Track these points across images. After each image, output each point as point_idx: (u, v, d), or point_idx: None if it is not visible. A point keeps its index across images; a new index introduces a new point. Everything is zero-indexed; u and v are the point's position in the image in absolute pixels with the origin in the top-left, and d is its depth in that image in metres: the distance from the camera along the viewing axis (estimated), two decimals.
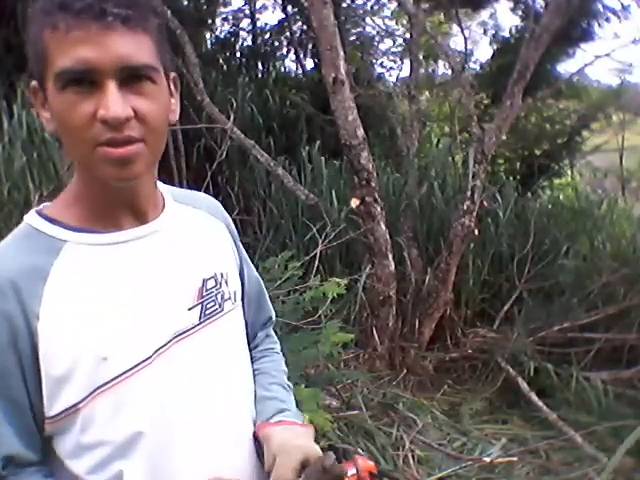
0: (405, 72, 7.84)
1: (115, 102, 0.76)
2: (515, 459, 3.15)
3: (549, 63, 6.49)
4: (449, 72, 7.59)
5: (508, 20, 7.78)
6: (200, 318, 0.94)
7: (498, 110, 4.24)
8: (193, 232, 0.99)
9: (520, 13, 7.13)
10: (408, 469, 3.06)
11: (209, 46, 7.40)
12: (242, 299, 1.08)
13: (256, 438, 1.00)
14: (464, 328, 4.50)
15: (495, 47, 7.91)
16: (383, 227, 3.80)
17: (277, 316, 1.26)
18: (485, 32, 8.49)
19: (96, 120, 0.77)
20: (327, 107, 3.92)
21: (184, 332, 0.91)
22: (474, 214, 4.03)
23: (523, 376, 3.99)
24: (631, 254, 5.11)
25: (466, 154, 4.80)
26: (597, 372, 4.07)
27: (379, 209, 3.75)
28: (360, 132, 3.57)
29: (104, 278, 0.86)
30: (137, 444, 0.85)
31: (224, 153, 4.48)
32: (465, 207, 4.02)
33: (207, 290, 0.96)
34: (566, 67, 7.30)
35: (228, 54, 7.37)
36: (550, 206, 5.85)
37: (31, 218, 0.89)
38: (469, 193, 4.02)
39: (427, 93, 8.51)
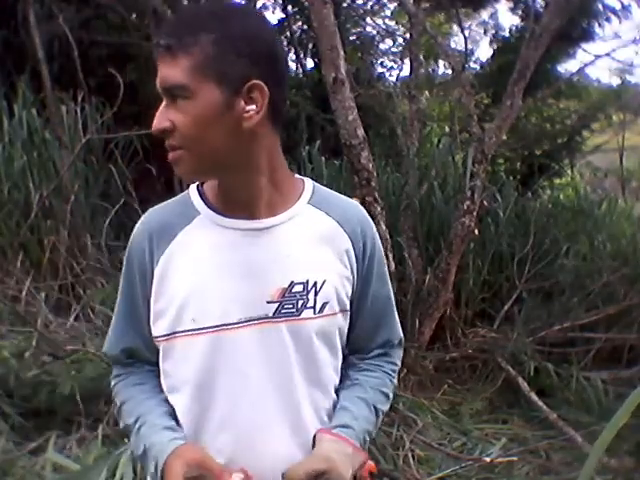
0: (405, 72, 7.85)
1: (156, 117, 0.97)
2: (515, 459, 3.15)
3: (549, 63, 6.50)
4: (449, 72, 7.60)
5: (508, 20, 7.81)
6: (275, 313, 1.04)
7: (498, 110, 4.24)
8: (305, 236, 1.07)
9: (520, 13, 7.14)
10: (408, 469, 3.06)
11: None
12: (351, 313, 1.13)
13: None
14: (464, 328, 4.50)
15: (495, 47, 7.93)
16: (383, 227, 3.79)
17: None
18: (485, 32, 8.51)
19: None
20: (327, 107, 3.91)
21: (256, 319, 1.04)
22: (474, 214, 4.03)
23: (523, 376, 3.99)
24: (631, 254, 5.11)
25: (466, 154, 4.79)
26: (597, 372, 4.07)
27: (379, 209, 3.75)
28: (360, 132, 3.57)
29: (211, 253, 1.04)
30: (184, 390, 1.06)
31: None
32: (465, 207, 4.02)
33: (291, 292, 1.04)
34: (566, 67, 7.31)
35: None
36: (550, 206, 5.84)
37: (192, 187, 1.10)
38: (469, 193, 4.02)
39: (427, 93, 8.51)
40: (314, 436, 1.07)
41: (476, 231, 4.15)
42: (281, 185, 1.06)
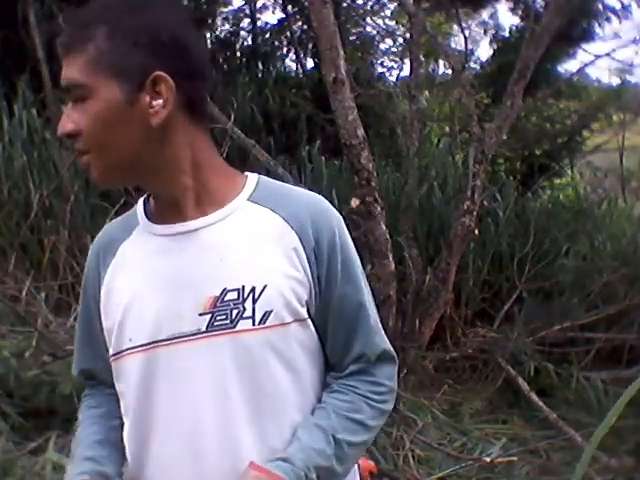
0: (405, 72, 7.84)
1: (61, 121, 0.90)
2: (515, 459, 3.15)
3: (549, 63, 6.50)
4: (449, 72, 7.59)
5: (508, 20, 7.80)
6: (207, 327, 0.92)
7: (498, 110, 4.24)
8: (241, 236, 0.95)
9: (520, 13, 7.14)
10: (408, 469, 3.06)
11: (209, 46, 7.40)
12: (316, 322, 0.98)
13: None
14: (464, 328, 4.51)
15: (495, 47, 7.93)
16: (383, 227, 3.79)
17: None
18: (485, 32, 8.51)
19: None
20: (327, 107, 3.91)
21: (188, 335, 0.93)
22: (474, 214, 4.03)
23: (523, 376, 3.99)
24: (631, 254, 5.11)
25: (466, 154, 4.79)
26: (597, 372, 4.07)
27: (379, 209, 3.75)
28: (360, 132, 3.57)
29: (144, 264, 0.97)
30: (127, 415, 0.99)
31: (224, 153, 4.48)
32: (465, 207, 4.02)
33: (223, 301, 0.92)
34: (566, 67, 7.31)
35: (228, 54, 7.36)
36: (550, 206, 5.85)
37: (141, 198, 1.03)
38: (469, 193, 4.02)
39: (427, 93, 8.50)
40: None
41: (476, 231, 4.14)
42: (212, 183, 0.96)
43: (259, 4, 7.72)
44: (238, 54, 7.48)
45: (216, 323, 0.92)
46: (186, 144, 0.93)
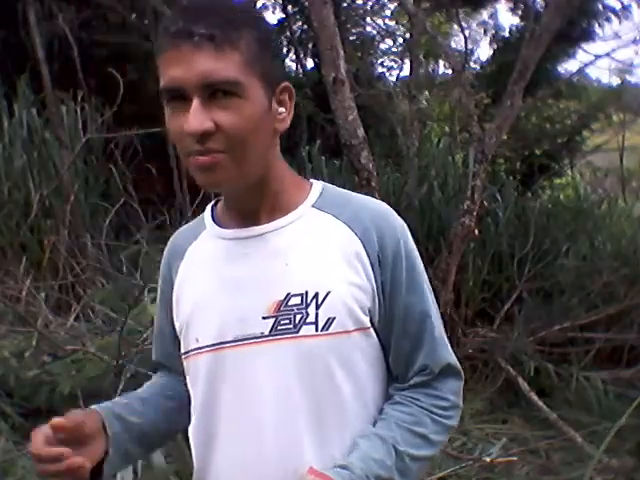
0: (405, 72, 7.86)
1: (195, 117, 0.84)
2: (515, 459, 3.14)
3: (549, 63, 6.50)
4: (449, 72, 7.60)
5: (508, 20, 7.80)
6: (271, 331, 0.92)
7: (498, 110, 4.24)
8: (305, 243, 0.95)
9: (520, 13, 7.14)
10: None
11: None
12: (379, 331, 0.96)
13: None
14: (464, 328, 4.50)
15: (495, 47, 7.92)
16: None
17: None
18: (485, 32, 8.51)
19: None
20: (327, 107, 3.91)
21: (252, 338, 0.93)
22: (474, 214, 4.03)
23: (523, 376, 3.99)
24: (631, 254, 5.11)
25: (466, 154, 4.79)
26: (597, 372, 4.07)
27: None
28: (360, 132, 3.57)
29: (210, 267, 0.99)
30: (195, 411, 1.00)
31: None
32: (465, 207, 4.02)
33: (287, 306, 0.92)
34: (566, 67, 7.31)
35: None
36: (550, 206, 5.85)
37: (209, 204, 1.06)
38: (469, 193, 4.02)
39: (427, 93, 8.51)
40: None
41: (476, 231, 4.15)
42: (285, 190, 0.97)
43: (259, 4, 7.73)
44: None
45: (279, 327, 0.92)
46: (277, 152, 0.96)
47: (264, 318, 0.92)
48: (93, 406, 0.98)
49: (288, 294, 0.92)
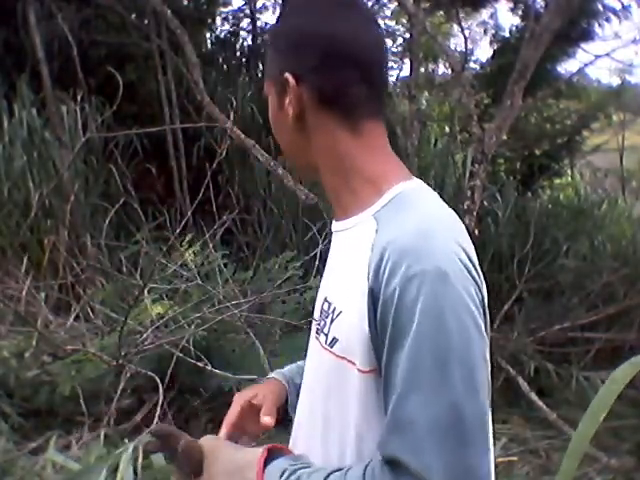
0: (405, 72, 7.85)
1: None
2: (515, 459, 3.15)
3: (549, 63, 6.50)
4: (449, 72, 7.60)
5: (508, 20, 7.79)
6: (316, 326, 0.95)
7: (498, 110, 4.24)
8: (346, 253, 0.89)
9: (520, 13, 7.14)
10: None
11: (209, 46, 7.40)
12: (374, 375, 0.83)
13: None
14: None
15: (495, 47, 7.92)
16: None
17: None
18: (485, 32, 8.50)
19: None
20: None
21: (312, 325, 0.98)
22: (474, 214, 4.03)
23: (523, 376, 3.99)
24: (631, 254, 5.12)
25: (466, 154, 4.79)
26: (597, 372, 4.07)
27: None
28: None
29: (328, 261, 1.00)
30: None
31: (224, 152, 4.48)
32: (465, 207, 4.02)
33: (322, 308, 0.92)
34: (566, 67, 7.31)
35: (228, 54, 7.36)
36: (550, 206, 5.85)
37: None
38: (469, 193, 4.02)
39: (427, 93, 8.51)
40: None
41: (476, 231, 4.14)
42: (351, 187, 0.89)
43: (259, 4, 7.73)
44: (238, 54, 7.48)
45: (317, 325, 0.93)
46: (325, 145, 0.89)
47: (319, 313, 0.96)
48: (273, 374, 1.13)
49: (325, 298, 0.91)
